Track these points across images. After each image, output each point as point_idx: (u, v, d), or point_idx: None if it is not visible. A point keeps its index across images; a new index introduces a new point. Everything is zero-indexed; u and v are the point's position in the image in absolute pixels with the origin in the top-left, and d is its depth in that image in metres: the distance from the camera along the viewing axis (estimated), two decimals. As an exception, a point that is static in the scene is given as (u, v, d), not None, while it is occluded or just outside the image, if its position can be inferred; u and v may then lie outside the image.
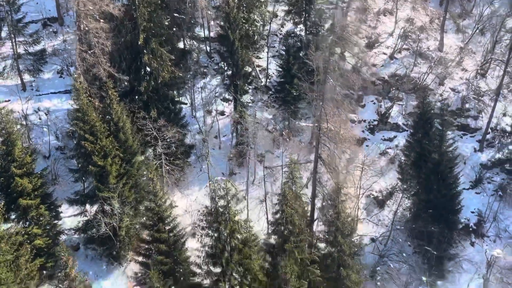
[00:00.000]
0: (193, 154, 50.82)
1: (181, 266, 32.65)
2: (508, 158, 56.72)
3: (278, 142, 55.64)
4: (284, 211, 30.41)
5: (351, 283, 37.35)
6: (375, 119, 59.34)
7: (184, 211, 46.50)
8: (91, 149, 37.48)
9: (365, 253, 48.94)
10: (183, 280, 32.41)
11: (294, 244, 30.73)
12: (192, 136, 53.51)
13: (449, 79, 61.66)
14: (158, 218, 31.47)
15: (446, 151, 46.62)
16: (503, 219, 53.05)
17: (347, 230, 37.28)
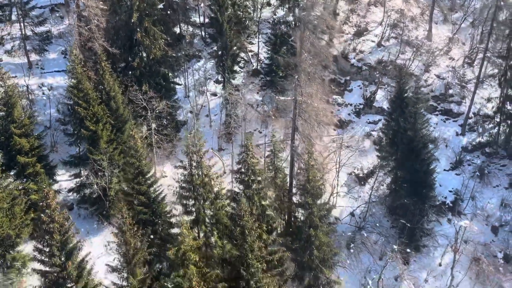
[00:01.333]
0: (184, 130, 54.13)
1: (160, 218, 35.81)
2: (488, 142, 59.09)
3: (267, 122, 58.86)
4: (246, 160, 33.38)
5: (319, 242, 40.13)
6: (361, 103, 62.10)
7: (173, 179, 49.82)
8: (83, 114, 41.04)
9: (344, 224, 51.91)
10: (162, 230, 35.53)
11: (255, 191, 33.69)
12: (185, 114, 56.94)
13: (435, 66, 64.21)
14: (138, 172, 34.70)
15: (420, 128, 49.23)
16: (481, 199, 55.52)
17: (317, 193, 40.12)
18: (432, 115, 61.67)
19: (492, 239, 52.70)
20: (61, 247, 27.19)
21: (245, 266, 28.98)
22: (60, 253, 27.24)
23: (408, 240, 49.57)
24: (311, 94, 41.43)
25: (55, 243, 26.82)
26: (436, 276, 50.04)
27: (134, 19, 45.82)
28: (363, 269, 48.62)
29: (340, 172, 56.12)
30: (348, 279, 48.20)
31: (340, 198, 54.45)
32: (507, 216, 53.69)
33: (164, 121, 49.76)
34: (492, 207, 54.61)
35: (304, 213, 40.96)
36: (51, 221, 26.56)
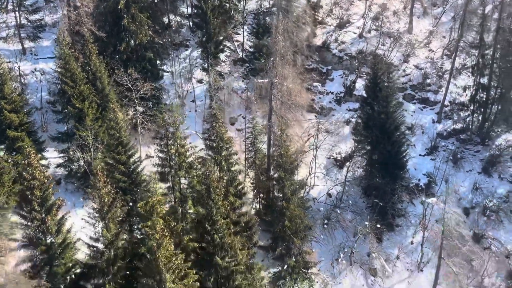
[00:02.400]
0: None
1: (139, 187, 38.22)
2: (462, 129, 61.51)
3: (250, 108, 61.39)
4: (214, 127, 35.83)
5: (291, 214, 42.60)
6: (342, 91, 64.59)
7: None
8: (70, 92, 43.66)
9: (321, 203, 54.37)
10: (141, 198, 37.92)
11: (224, 157, 36.12)
12: (171, 99, 59.52)
13: (414, 57, 66.67)
14: (118, 142, 37.15)
15: (392, 112, 51.66)
16: (454, 182, 57.86)
17: (289, 167, 42.62)
18: (410, 103, 64.20)
19: (464, 220, 55.03)
20: (41, 202, 29.68)
21: (210, 223, 31.43)
22: (40, 208, 29.72)
23: (380, 219, 51.99)
24: (285, 75, 44.00)
25: (36, 198, 29.29)
26: (407, 252, 52.51)
27: (121, 5, 48.45)
28: (337, 244, 51.07)
29: (320, 156, 58.80)
30: (322, 254, 50.70)
31: (318, 180, 57.01)
32: (478, 199, 56.09)
33: (150, 103, 52.27)
34: (465, 190, 56.98)
35: (277, 186, 43.51)
36: (32, 178, 29.03)
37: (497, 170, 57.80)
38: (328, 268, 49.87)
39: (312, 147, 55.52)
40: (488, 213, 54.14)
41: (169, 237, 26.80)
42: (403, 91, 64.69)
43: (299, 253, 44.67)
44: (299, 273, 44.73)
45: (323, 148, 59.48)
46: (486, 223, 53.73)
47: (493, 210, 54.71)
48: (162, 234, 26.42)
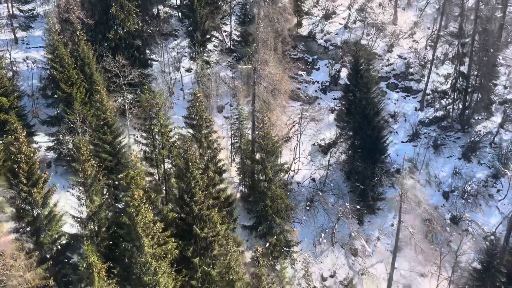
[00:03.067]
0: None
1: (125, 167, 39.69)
2: (443, 116, 63.22)
3: (237, 97, 62.95)
4: (194, 106, 37.41)
5: (273, 194, 44.22)
6: (327, 80, 66.29)
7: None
8: (59, 77, 45.18)
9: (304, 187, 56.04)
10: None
11: (203, 134, 37.67)
12: (160, 88, 61.06)
13: (398, 47, 68.44)
14: (104, 123, 38.68)
15: (372, 97, 53.34)
16: (435, 168, 59.58)
17: (271, 149, 44.23)
18: (393, 92, 65.95)
19: (443, 203, 56.84)
20: (27, 176, 31.20)
21: (189, 195, 32.98)
22: (27, 181, 31.23)
23: (362, 201, 53.67)
24: (267, 61, 45.55)
25: (22, 172, 30.81)
26: (387, 234, 54.22)
27: (109, -6, 50.03)
28: (319, 225, 52.73)
29: (305, 143, 60.55)
30: (304, 235, 52.37)
31: (303, 166, 58.69)
32: (458, 183, 57.79)
33: (138, 90, 53.78)
34: (445, 175, 58.66)
35: (259, 167, 45.13)
36: (19, 152, 30.55)
37: (477, 156, 59.52)
38: (310, 248, 51.55)
39: (297, 133, 57.23)
40: (467, 196, 55.86)
41: (147, 205, 28.36)
42: (387, 80, 66.46)
43: (280, 232, 46.30)
44: (280, 251, 46.32)
45: (308, 135, 61.30)
46: (464, 206, 55.49)
47: (471, 194, 56.40)
48: (140, 201, 27.99)
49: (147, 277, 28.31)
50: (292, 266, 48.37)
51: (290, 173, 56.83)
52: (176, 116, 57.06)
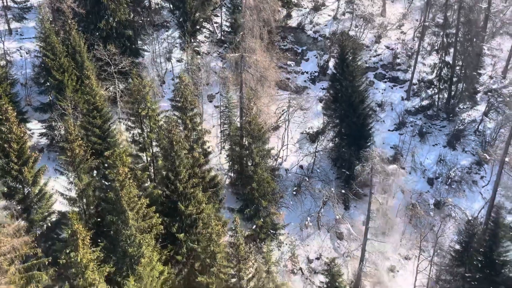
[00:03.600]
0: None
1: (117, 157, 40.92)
2: (429, 105, 64.56)
3: (228, 86, 64.25)
4: (179, 88, 38.67)
5: (259, 178, 45.54)
6: (316, 71, 67.60)
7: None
8: (51, 65, 46.39)
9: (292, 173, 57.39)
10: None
11: (189, 117, 38.95)
12: (152, 78, 62.32)
13: (386, 38, 69.75)
14: (93, 107, 39.91)
15: (358, 85, 54.65)
16: (420, 155, 60.95)
17: (257, 134, 45.53)
18: (380, 82, 67.25)
19: (428, 189, 58.23)
20: (18, 155, 32.41)
21: (174, 174, 34.23)
22: (17, 160, 32.45)
23: (347, 187, 55.06)
24: (254, 48, 46.80)
25: (13, 151, 32.02)
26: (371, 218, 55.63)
27: (101, -16, 51.22)
28: (306, 210, 54.12)
29: (294, 132, 61.91)
30: (291, 219, 53.69)
31: (291, 153, 60.03)
32: (443, 170, 59.16)
33: (130, 79, 54.99)
34: (430, 162, 60.04)
35: (246, 152, 46.46)
36: (9, 132, 31.77)
37: (461, 144, 60.89)
38: (297, 232, 52.92)
39: (285, 121, 58.55)
40: (450, 182, 57.24)
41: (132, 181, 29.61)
42: (374, 71, 67.80)
43: (267, 215, 47.64)
44: (267, 233, 47.65)
45: (296, 124, 62.70)
46: (448, 192, 56.86)
47: (455, 180, 57.79)
48: (125, 176, 29.23)
49: (131, 249, 29.63)
50: (279, 248, 49.75)
51: (278, 160, 58.27)
52: (167, 104, 58.36)
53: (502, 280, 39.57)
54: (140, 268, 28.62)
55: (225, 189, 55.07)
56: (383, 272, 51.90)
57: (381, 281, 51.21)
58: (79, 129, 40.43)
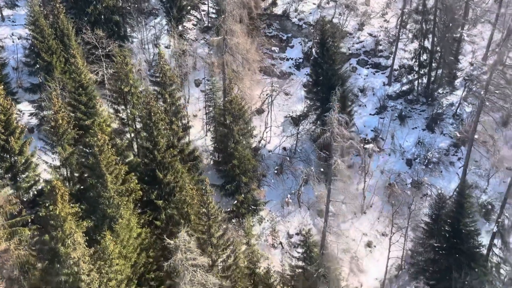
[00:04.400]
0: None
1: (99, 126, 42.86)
2: (410, 90, 66.58)
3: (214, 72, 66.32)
4: (159, 64, 40.62)
5: (239, 155, 47.57)
6: (301, 57, 69.59)
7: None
8: (40, 47, 48.33)
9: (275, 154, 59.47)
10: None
11: (168, 91, 40.91)
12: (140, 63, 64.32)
13: (369, 26, 71.75)
14: (79, 84, 41.81)
15: (338, 68, 56.67)
16: (400, 138, 62.97)
17: (238, 113, 47.54)
18: (363, 68, 69.26)
19: (406, 170, 60.29)
20: (5, 126, 34.34)
21: (152, 144, 36.18)
22: (4, 130, 34.38)
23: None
24: (235, 31, 48.77)
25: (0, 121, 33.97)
26: (352, 197, 57.65)
27: (88, -30, 53.17)
28: (287, 188, 56.20)
29: (278, 116, 63.97)
30: (273, 197, 55.79)
31: (275, 136, 62.08)
32: (421, 152, 61.22)
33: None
34: (409, 145, 62.09)
35: (226, 130, 48.45)
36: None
37: (440, 127, 62.92)
38: (278, 209, 55.00)
39: (268, 104, 60.63)
40: (427, 163, 59.30)
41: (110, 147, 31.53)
42: (357, 57, 69.79)
43: (248, 191, 49.67)
44: (248, 209, 49.70)
45: (280, 108, 64.77)
46: (425, 172, 58.90)
47: (433, 162, 59.85)
48: (104, 142, 31.13)
49: (110, 210, 31.59)
50: (260, 223, 51.82)
51: (262, 142, 60.34)
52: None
53: (466, 248, 41.64)
54: (118, 226, 30.62)
55: (210, 169, 57.39)
56: (360, 247, 54.13)
57: (358, 255, 53.38)
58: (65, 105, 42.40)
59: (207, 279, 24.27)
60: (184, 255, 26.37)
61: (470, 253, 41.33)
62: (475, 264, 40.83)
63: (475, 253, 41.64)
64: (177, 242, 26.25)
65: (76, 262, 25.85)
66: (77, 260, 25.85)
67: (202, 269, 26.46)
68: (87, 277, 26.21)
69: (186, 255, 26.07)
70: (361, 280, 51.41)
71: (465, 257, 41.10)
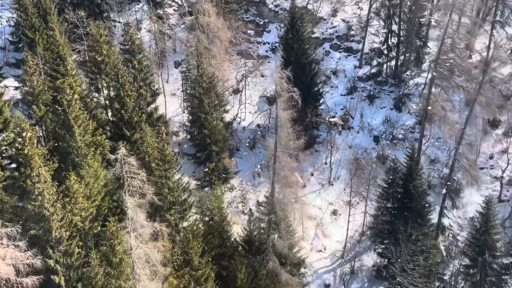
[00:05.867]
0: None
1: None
2: (379, 72, 69.94)
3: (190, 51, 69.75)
4: (127, 33, 43.90)
5: (210, 126, 50.89)
6: (277, 41, 73.00)
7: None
8: (23, 24, 51.68)
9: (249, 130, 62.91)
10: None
11: (136, 59, 44.20)
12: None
13: (342, 12, 75.22)
14: (57, 56, 45.11)
15: (307, 48, 60.06)
16: (368, 117, 66.33)
17: (208, 86, 50.85)
18: (336, 52, 72.61)
19: (373, 146, 63.64)
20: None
21: (120, 104, 39.43)
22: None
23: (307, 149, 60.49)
24: (206, 10, 52.17)
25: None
26: (321, 170, 61.05)
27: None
28: (258, 161, 59.55)
29: (254, 96, 67.38)
30: (245, 169, 59.11)
31: (250, 115, 65.46)
32: (388, 129, 64.54)
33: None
34: (377, 123, 65.44)
35: (197, 102, 51.77)
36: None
37: (406, 106, 66.31)
38: (249, 179, 58.34)
39: (244, 83, 64.11)
40: (392, 138, 62.64)
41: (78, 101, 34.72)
42: (331, 41, 73.17)
43: (218, 160, 52.94)
44: (219, 176, 52.97)
45: (256, 89, 68.23)
46: (390, 147, 62.23)
47: (399, 138, 63.19)
48: (72, 96, 34.34)
49: (77, 159, 34.77)
50: (231, 191, 55.12)
51: (237, 119, 63.71)
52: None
53: (414, 206, 44.95)
54: (84, 171, 33.83)
55: (186, 143, 60.77)
56: (326, 215, 57.45)
57: (324, 222, 56.70)
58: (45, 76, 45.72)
59: (143, 186, 27.23)
60: (125, 168, 28.18)
61: (417, 211, 44.61)
62: (422, 220, 44.09)
63: (422, 211, 44.92)
64: (116, 155, 28.48)
65: (41, 192, 29.01)
66: (42, 191, 29.01)
67: (141, 180, 28.05)
68: (52, 207, 29.37)
69: (125, 167, 28.16)
70: (325, 244, 54.71)
71: (413, 214, 44.36)
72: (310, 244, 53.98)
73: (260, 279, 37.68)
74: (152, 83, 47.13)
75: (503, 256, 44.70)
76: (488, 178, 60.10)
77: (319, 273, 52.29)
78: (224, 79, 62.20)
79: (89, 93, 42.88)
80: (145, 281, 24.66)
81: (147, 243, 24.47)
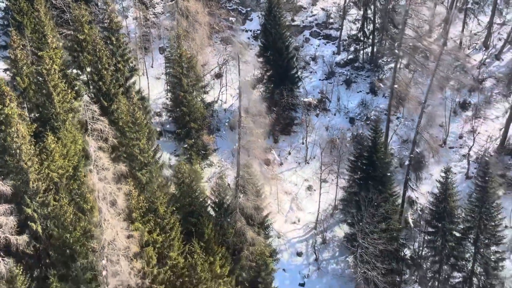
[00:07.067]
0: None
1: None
2: (356, 58, 72.83)
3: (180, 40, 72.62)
4: (106, 11, 46.79)
5: (188, 103, 53.76)
6: (259, 29, 75.91)
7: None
8: (12, 8, 54.53)
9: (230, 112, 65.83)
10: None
11: (115, 36, 47.14)
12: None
13: (322, 1, 78.20)
14: (42, 35, 47.94)
15: (283, 33, 62.94)
16: (345, 100, 69.24)
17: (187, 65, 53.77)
18: (315, 39, 75.56)
19: (349, 127, 66.52)
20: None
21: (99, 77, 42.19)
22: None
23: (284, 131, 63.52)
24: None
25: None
26: (298, 150, 63.91)
27: None
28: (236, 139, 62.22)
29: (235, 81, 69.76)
30: (224, 147, 62.01)
31: (232, 99, 68.33)
32: (363, 112, 67.41)
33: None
34: (353, 106, 68.35)
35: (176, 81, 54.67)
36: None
37: (382, 90, 69.21)
38: (229, 157, 61.23)
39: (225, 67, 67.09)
40: (367, 119, 65.54)
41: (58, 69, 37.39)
42: (310, 29, 76.13)
43: (197, 137, 55.79)
44: (198, 152, 55.80)
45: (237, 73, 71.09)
46: (364, 128, 65.07)
47: (373, 120, 66.02)
48: (51, 65, 37.07)
49: (57, 123, 37.55)
50: (210, 166, 57.97)
51: (219, 102, 66.63)
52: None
53: (377, 175, 47.79)
54: (61, 133, 36.63)
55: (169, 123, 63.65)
56: (301, 190, 60.28)
57: (299, 197, 59.53)
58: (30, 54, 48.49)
59: (104, 130, 30.00)
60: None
61: (379, 179, 47.44)
62: (383, 188, 46.90)
63: (384, 179, 47.76)
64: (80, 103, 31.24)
65: (19, 146, 31.75)
66: (20, 145, 31.75)
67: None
68: (29, 161, 32.13)
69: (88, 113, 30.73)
70: (299, 216, 57.57)
71: (375, 183, 47.18)
72: (284, 216, 56.81)
73: (228, 237, 40.49)
74: (130, 59, 49.95)
75: (461, 223, 47.47)
76: (457, 156, 63.09)
77: (292, 242, 55.14)
78: (205, 62, 65.13)
79: (70, 65, 45.76)
80: (111, 220, 27.28)
81: (110, 183, 27.13)
